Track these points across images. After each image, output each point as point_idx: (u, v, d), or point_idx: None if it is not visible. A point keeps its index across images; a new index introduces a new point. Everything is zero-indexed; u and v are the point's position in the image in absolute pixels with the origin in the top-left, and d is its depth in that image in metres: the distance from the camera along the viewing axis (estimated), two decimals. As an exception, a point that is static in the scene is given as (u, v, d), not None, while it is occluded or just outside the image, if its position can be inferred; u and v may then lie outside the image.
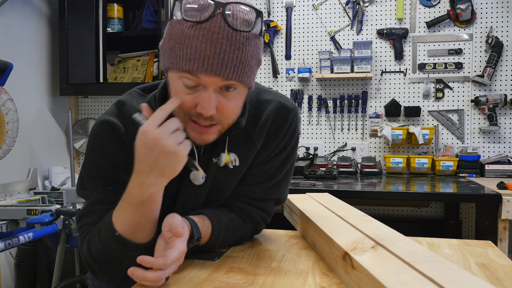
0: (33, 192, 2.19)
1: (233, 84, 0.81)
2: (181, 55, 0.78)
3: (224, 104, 0.82)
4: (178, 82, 0.82)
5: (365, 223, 0.94)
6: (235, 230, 1.00)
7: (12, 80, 2.20)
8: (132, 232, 0.82)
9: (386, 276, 0.63)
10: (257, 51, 0.84)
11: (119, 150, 0.91)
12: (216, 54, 0.77)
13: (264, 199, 1.03)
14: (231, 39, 0.77)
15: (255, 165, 1.00)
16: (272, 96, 1.00)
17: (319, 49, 2.95)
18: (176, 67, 0.80)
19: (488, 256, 0.94)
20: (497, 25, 2.72)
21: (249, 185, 1.01)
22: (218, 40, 0.77)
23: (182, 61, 0.78)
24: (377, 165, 2.72)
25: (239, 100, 0.86)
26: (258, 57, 0.85)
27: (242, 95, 0.86)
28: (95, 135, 0.93)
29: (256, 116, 0.97)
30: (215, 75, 0.78)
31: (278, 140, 0.99)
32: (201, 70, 0.77)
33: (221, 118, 0.84)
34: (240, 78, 0.80)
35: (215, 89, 0.80)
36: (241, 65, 0.79)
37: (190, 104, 0.81)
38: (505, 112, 2.72)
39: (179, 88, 0.82)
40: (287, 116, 0.99)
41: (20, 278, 2.60)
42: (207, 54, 0.77)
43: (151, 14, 2.92)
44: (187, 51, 0.78)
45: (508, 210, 1.94)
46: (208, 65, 0.77)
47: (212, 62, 0.77)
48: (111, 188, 0.90)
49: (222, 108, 0.82)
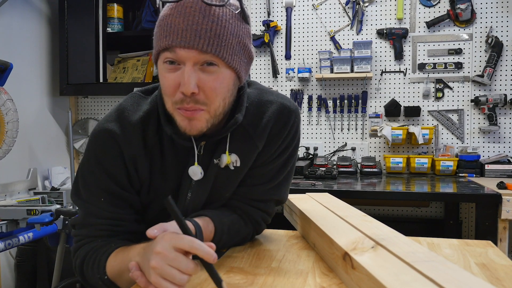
0: (33, 192, 2.19)
1: (212, 60, 0.81)
2: (160, 35, 0.81)
3: (206, 82, 0.81)
4: (162, 66, 0.83)
5: (365, 223, 0.94)
6: (237, 231, 1.00)
7: (12, 80, 2.20)
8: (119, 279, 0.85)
9: (386, 276, 0.63)
10: (239, 33, 0.84)
11: (115, 161, 0.91)
12: (189, 26, 0.78)
13: (265, 200, 1.03)
14: (204, 12, 0.79)
15: (256, 166, 1.00)
16: (274, 97, 0.99)
17: (319, 49, 2.95)
18: (158, 49, 0.82)
19: (488, 256, 0.94)
20: (497, 25, 2.72)
21: (250, 186, 1.01)
22: (191, 13, 0.79)
23: (161, 40, 0.81)
24: (377, 165, 2.72)
25: (222, 80, 0.83)
26: (242, 40, 0.85)
27: (227, 78, 0.84)
28: (93, 142, 0.93)
29: (258, 117, 0.96)
30: (190, 47, 0.78)
31: (280, 142, 0.99)
32: (175, 43, 0.79)
33: (206, 101, 0.82)
34: (217, 52, 0.80)
35: (195, 66, 0.80)
36: (217, 38, 0.80)
37: (173, 85, 0.81)
38: (505, 112, 2.72)
39: (163, 72, 0.83)
40: (289, 118, 0.98)
41: (20, 278, 2.60)
42: (180, 27, 0.78)
43: (151, 14, 2.92)
44: (165, 29, 0.80)
45: (508, 210, 1.94)
46: (182, 38, 0.78)
47: (185, 34, 0.78)
48: (103, 199, 0.91)
49: (203, 86, 0.81)
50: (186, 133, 0.86)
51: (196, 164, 0.93)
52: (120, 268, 0.83)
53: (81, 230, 0.93)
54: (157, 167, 0.94)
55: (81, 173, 0.94)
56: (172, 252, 0.69)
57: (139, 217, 0.97)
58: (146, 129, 0.92)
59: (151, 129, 0.92)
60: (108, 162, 0.91)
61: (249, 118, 0.95)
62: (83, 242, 0.92)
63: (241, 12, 0.84)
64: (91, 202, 0.92)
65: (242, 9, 0.84)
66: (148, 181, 0.95)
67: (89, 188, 0.92)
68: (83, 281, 0.92)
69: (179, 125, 0.85)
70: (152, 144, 0.93)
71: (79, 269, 0.91)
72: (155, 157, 0.94)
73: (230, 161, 0.95)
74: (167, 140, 0.93)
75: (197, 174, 0.93)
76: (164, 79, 0.83)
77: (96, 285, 0.89)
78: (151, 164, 0.94)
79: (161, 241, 0.71)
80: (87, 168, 0.93)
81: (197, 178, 0.94)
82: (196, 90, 0.80)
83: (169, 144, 0.93)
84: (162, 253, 0.69)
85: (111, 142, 0.91)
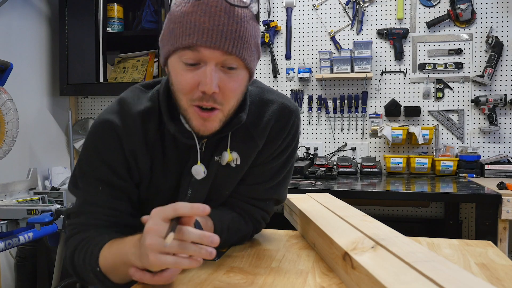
0: (33, 192, 2.19)
1: (234, 63, 0.81)
2: (181, 32, 0.80)
3: (226, 83, 0.81)
4: (179, 64, 0.82)
5: (365, 223, 0.94)
6: (236, 230, 1.00)
7: (12, 80, 2.20)
8: (112, 272, 0.82)
9: (386, 276, 0.63)
10: (255, 34, 0.85)
11: (115, 152, 0.90)
12: (215, 26, 0.78)
13: (265, 199, 1.03)
14: (229, 12, 0.79)
15: (257, 165, 1.00)
16: (275, 97, 1.00)
17: (319, 49, 2.95)
18: (177, 46, 0.80)
19: (488, 256, 0.94)
20: (497, 25, 2.72)
21: (250, 185, 1.01)
22: (217, 13, 0.78)
23: (182, 37, 0.79)
24: (377, 165, 2.71)
25: (240, 83, 0.85)
26: (257, 41, 0.86)
27: (243, 79, 0.86)
28: (93, 133, 0.93)
29: (259, 116, 0.97)
30: (215, 48, 0.78)
31: (280, 141, 0.99)
32: (201, 42, 0.78)
33: (223, 101, 0.83)
34: (240, 54, 0.80)
35: (217, 66, 0.80)
36: (240, 40, 0.80)
37: (192, 83, 0.81)
38: (505, 112, 2.72)
39: (179, 70, 0.82)
40: (289, 118, 0.99)
41: (20, 278, 2.60)
42: (206, 27, 0.78)
43: (151, 14, 2.92)
44: (187, 27, 0.79)
45: (508, 210, 1.94)
46: (208, 37, 0.78)
47: (211, 34, 0.78)
48: (101, 188, 0.90)
49: (224, 87, 0.81)
50: (200, 133, 0.87)
51: (199, 163, 0.93)
52: (114, 261, 0.80)
53: (76, 219, 0.92)
54: (159, 164, 0.94)
55: (80, 163, 0.93)
56: (162, 224, 0.68)
57: (136, 212, 0.96)
58: (147, 125, 0.92)
59: (152, 126, 0.92)
60: (108, 153, 0.90)
61: (250, 116, 0.95)
62: (76, 231, 0.90)
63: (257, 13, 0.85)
64: (89, 191, 0.91)
65: (257, 10, 0.85)
66: (149, 177, 0.95)
67: (87, 178, 0.91)
68: (73, 273, 0.89)
69: (192, 124, 0.85)
70: (153, 141, 0.93)
71: (69, 259, 0.88)
72: (156, 154, 0.93)
73: (231, 159, 0.95)
74: (169, 137, 0.93)
75: (200, 173, 0.93)
76: (181, 77, 0.82)
77: (87, 278, 0.86)
78: (152, 160, 0.94)
79: (149, 219, 0.71)
80: (86, 158, 0.92)
81: (200, 177, 0.94)
82: (217, 90, 0.80)
83: (170, 141, 0.93)
84: (153, 228, 0.68)
85: (111, 133, 0.90)
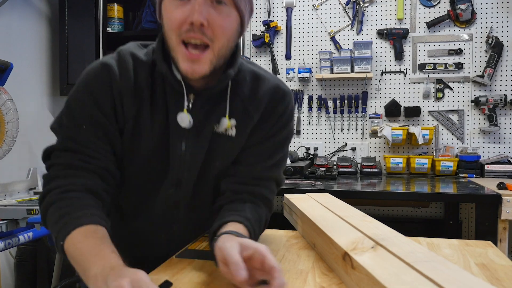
0: (33, 192, 2.19)
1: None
2: None
3: (215, 18, 0.83)
4: (170, 4, 0.84)
5: (365, 223, 0.94)
6: (259, 219, 0.98)
7: (12, 80, 2.20)
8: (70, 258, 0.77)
9: (386, 276, 0.63)
10: None
11: (103, 88, 0.90)
12: None
13: (266, 178, 1.02)
14: None
15: (254, 144, 1.00)
16: (270, 76, 1.02)
17: (319, 49, 2.95)
18: None
19: (488, 257, 0.94)
20: (497, 25, 2.72)
21: (249, 165, 1.01)
22: None
23: None
24: (377, 165, 2.72)
25: (230, 22, 0.87)
26: None
27: (234, 20, 0.87)
28: (87, 72, 0.93)
29: (254, 90, 0.98)
30: None
31: (276, 119, 0.99)
32: None
33: (212, 37, 0.84)
34: None
35: (206, 1, 0.82)
36: None
37: (181, 18, 0.83)
38: (505, 112, 2.72)
39: (170, 8, 0.84)
40: (284, 97, 1.00)
41: (20, 278, 2.60)
42: None
43: (151, 14, 2.92)
44: None
45: (508, 211, 1.94)
46: None
47: None
48: (85, 127, 0.89)
49: (213, 22, 0.83)
50: (188, 76, 0.87)
51: (186, 111, 0.92)
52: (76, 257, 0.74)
53: (56, 159, 0.90)
54: (146, 109, 0.93)
55: (68, 100, 0.93)
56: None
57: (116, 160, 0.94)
58: (139, 69, 0.93)
59: (143, 72, 0.93)
60: (97, 89, 0.90)
61: (245, 90, 0.96)
62: (56, 170, 0.89)
63: None
64: (72, 128, 0.90)
65: None
66: (133, 121, 0.93)
67: (73, 115, 0.91)
68: (43, 222, 0.87)
69: (181, 67, 0.86)
70: (142, 86, 0.93)
71: (43, 210, 0.86)
72: (144, 98, 0.93)
73: (230, 126, 0.95)
74: (159, 85, 0.94)
75: (185, 121, 0.92)
76: (171, 14, 0.84)
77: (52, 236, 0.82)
78: (139, 107, 0.93)
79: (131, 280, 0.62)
80: (74, 95, 0.92)
81: (185, 125, 0.92)
82: (205, 22, 0.82)
83: (160, 90, 0.94)
84: None
85: (107, 74, 0.91)
